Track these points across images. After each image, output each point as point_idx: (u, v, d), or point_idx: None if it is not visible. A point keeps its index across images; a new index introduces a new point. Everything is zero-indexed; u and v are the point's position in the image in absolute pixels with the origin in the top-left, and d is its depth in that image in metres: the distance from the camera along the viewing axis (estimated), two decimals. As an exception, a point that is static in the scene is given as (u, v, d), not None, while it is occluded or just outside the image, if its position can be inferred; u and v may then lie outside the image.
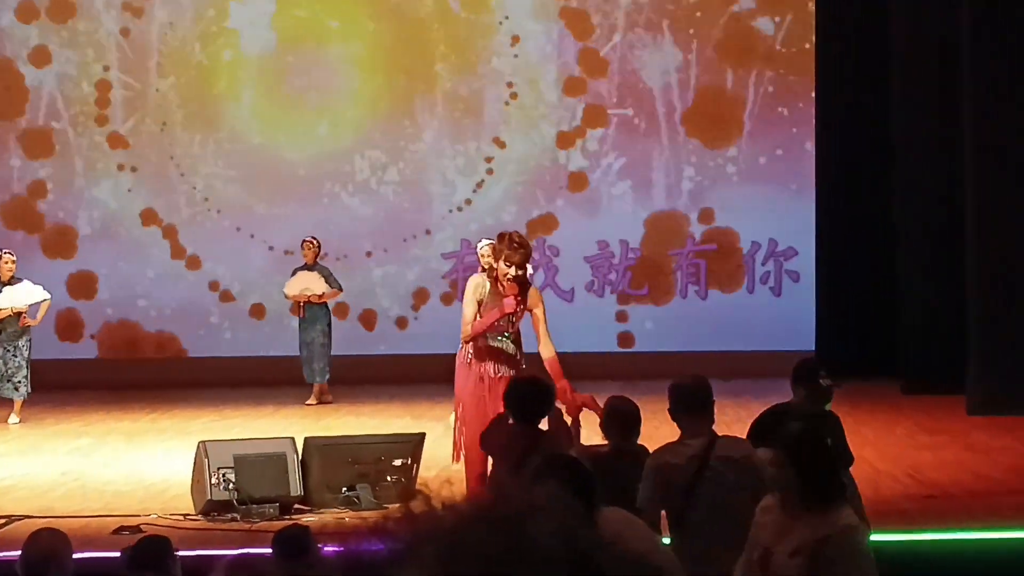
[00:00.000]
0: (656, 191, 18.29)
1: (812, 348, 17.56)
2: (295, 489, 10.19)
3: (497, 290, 9.40)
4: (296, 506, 10.18)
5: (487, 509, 1.39)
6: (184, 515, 10.04)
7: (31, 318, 15.06)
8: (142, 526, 9.49)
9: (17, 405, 14.97)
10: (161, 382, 17.27)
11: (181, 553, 6.55)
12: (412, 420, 14.02)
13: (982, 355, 14.47)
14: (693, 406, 7.09)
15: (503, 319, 9.35)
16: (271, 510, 9.93)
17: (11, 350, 14.88)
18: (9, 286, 14.95)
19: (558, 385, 8.71)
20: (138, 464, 12.33)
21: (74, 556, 6.48)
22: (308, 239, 16.38)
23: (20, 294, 14.94)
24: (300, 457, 10.32)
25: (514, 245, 9.37)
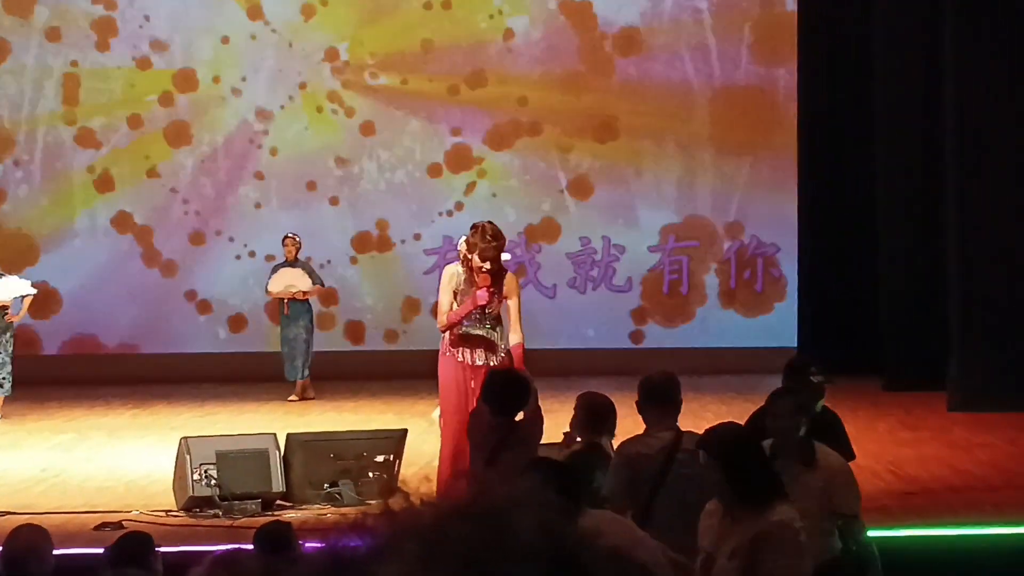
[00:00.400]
0: (638, 189, 18.28)
1: (794, 345, 17.59)
2: (277, 485, 10.19)
3: (472, 280, 9.43)
4: (278, 502, 10.17)
5: (467, 505, 1.39)
6: (166, 511, 10.04)
7: (14, 313, 15.01)
8: (124, 522, 9.49)
9: (-1, 401, 14.94)
10: (143, 378, 17.22)
11: (163, 549, 6.54)
12: (394, 416, 14.01)
13: (963, 352, 14.51)
14: (660, 399, 7.22)
15: (476, 311, 9.37)
16: (253, 506, 9.93)
17: (-5, 346, 14.83)
18: None
19: (516, 367, 9.00)
20: (120, 460, 12.31)
21: (56, 552, 6.48)
22: (290, 235, 16.32)
23: (4, 288, 14.88)
24: (282, 453, 10.31)
25: (487, 238, 9.40)
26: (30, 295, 15.06)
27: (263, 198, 18.22)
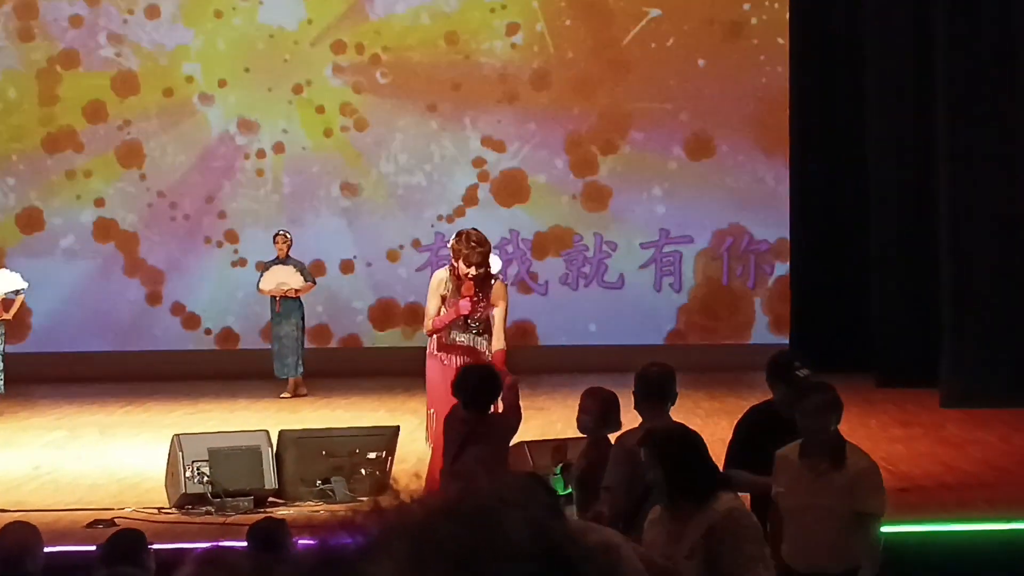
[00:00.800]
0: (631, 185, 18.29)
1: (786, 341, 17.60)
2: (270, 482, 10.19)
3: (459, 286, 9.45)
4: (271, 499, 10.17)
5: (456, 502, 1.40)
6: (158, 508, 10.03)
7: (5, 312, 14.97)
8: (116, 520, 9.48)
9: (-9, 399, 14.92)
10: (135, 375, 17.21)
11: (155, 546, 6.54)
12: (387, 413, 14.02)
13: (955, 348, 14.52)
14: (656, 393, 7.29)
15: (460, 320, 9.41)
16: (245, 503, 9.93)
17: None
18: None
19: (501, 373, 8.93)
20: (112, 457, 12.30)
21: (48, 550, 6.48)
22: (280, 232, 16.28)
23: None
24: (275, 450, 10.31)
25: (472, 244, 9.43)
26: (22, 290, 14.99)
27: (257, 201, 18.22)
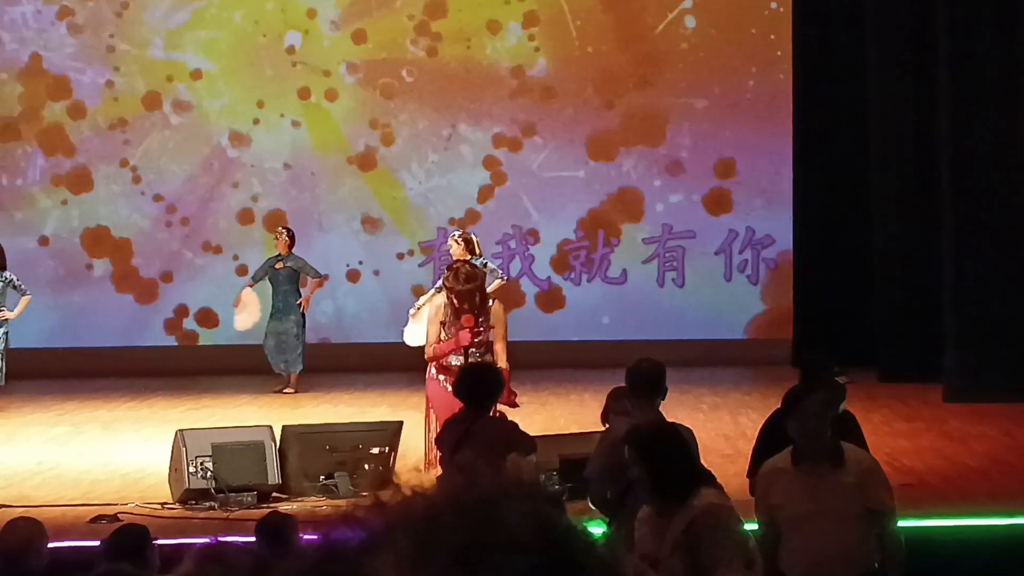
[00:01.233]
0: (635, 178, 18.28)
1: (789, 337, 17.62)
2: (273, 477, 10.19)
3: (457, 313, 9.49)
4: (274, 494, 10.18)
5: (459, 495, 1.40)
6: (162, 504, 10.04)
7: (9, 311, 14.94)
8: (119, 515, 9.49)
9: (-7, 395, 14.91)
10: (139, 371, 17.23)
11: (159, 542, 6.55)
12: (390, 409, 14.02)
13: (958, 343, 14.52)
14: (647, 387, 7.38)
15: (460, 352, 9.45)
16: (249, 498, 9.93)
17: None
18: None
19: (505, 391, 9.00)
20: (115, 453, 12.31)
21: (51, 545, 6.49)
22: (279, 229, 16.24)
23: None
24: (278, 445, 10.32)
25: (462, 281, 9.44)
26: (26, 297, 14.94)
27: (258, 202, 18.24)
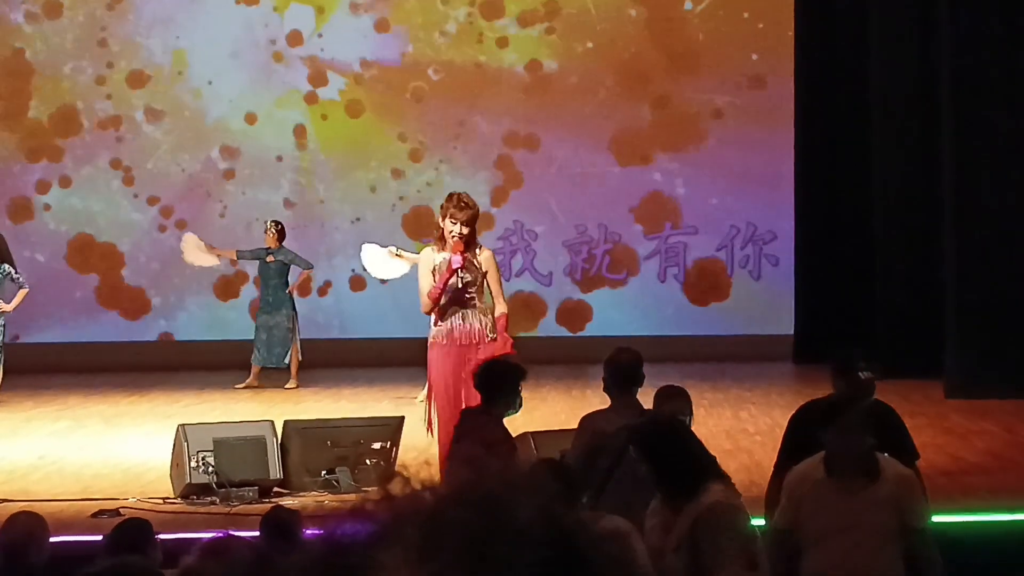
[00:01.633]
0: (636, 175, 18.28)
1: (791, 332, 17.62)
2: (274, 472, 10.19)
3: (446, 256, 9.49)
4: (275, 489, 10.18)
5: (466, 489, 1.40)
6: (163, 499, 10.04)
7: (6, 304, 14.93)
8: (121, 509, 9.49)
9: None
10: (140, 365, 17.23)
11: (160, 536, 6.55)
12: (391, 404, 14.03)
13: (960, 339, 14.52)
14: (626, 380, 7.48)
15: (453, 278, 9.39)
16: (250, 493, 9.93)
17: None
18: None
19: (500, 337, 9.28)
20: (117, 447, 12.31)
21: (53, 540, 6.49)
22: (269, 222, 16.23)
23: None
24: (279, 440, 10.32)
25: (461, 204, 9.48)
26: (24, 289, 14.91)
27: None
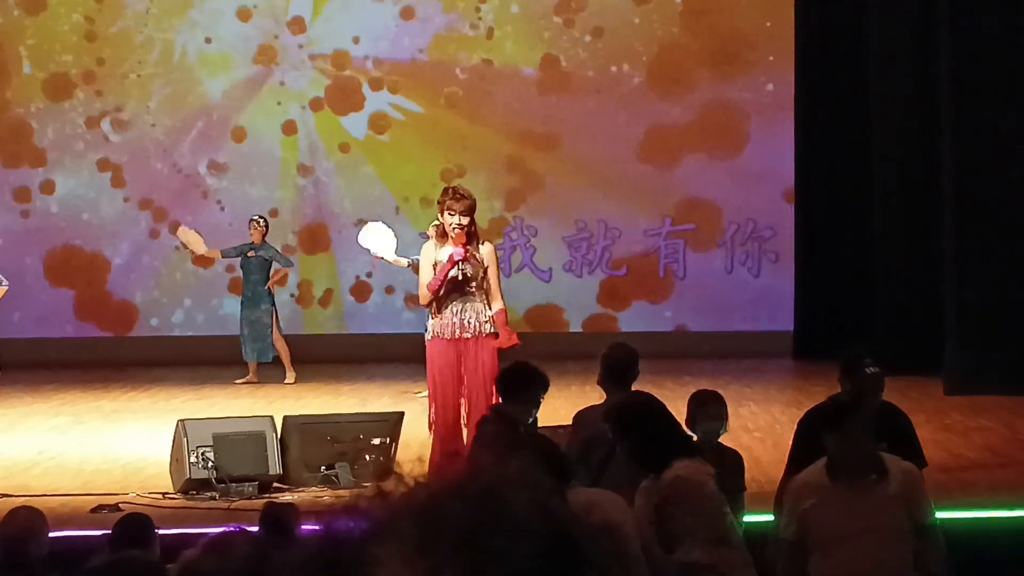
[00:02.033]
0: (635, 170, 18.28)
1: (791, 328, 17.63)
2: (274, 468, 10.20)
3: (448, 248, 9.49)
4: (275, 485, 10.18)
5: (461, 483, 1.41)
6: (163, 494, 10.05)
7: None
8: (120, 505, 9.49)
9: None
10: (139, 360, 17.24)
11: (160, 532, 6.56)
12: (391, 399, 14.04)
13: (959, 335, 14.52)
14: (621, 373, 7.61)
15: (454, 270, 9.39)
16: (250, 489, 9.93)
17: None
18: None
19: (502, 331, 9.31)
20: (116, 443, 12.31)
21: (52, 534, 6.50)
22: (255, 218, 16.27)
23: None
24: (279, 436, 10.32)
25: (457, 195, 9.48)
26: (3, 287, 14.86)
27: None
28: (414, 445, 10.64)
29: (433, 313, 9.58)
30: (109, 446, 12.15)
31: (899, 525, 6.22)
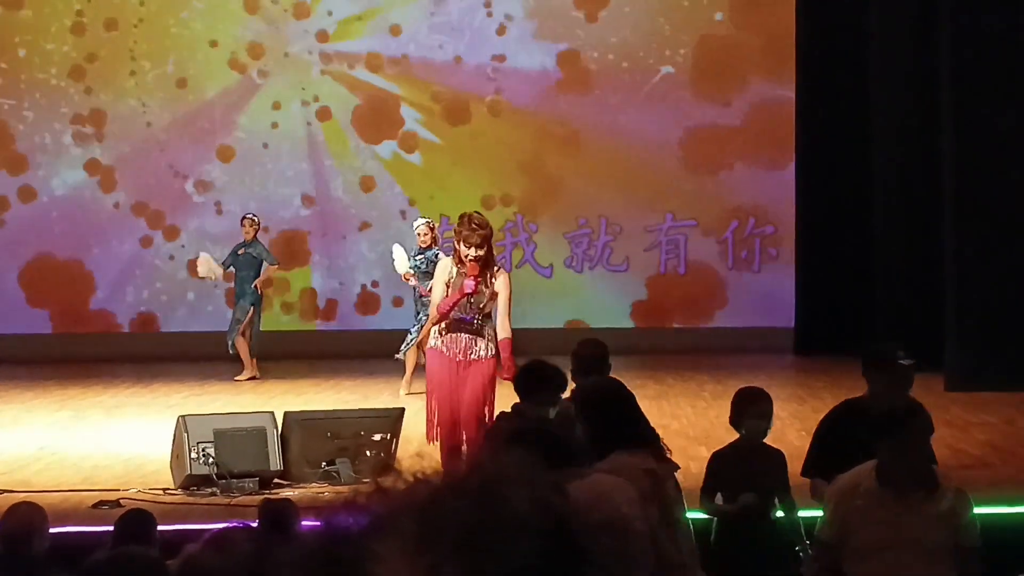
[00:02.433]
0: (637, 166, 18.28)
1: (791, 325, 17.63)
2: (275, 464, 10.20)
3: (463, 272, 9.48)
4: (276, 481, 10.18)
5: (462, 479, 1.41)
6: (163, 489, 10.05)
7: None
8: (121, 500, 9.50)
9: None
10: (140, 356, 17.25)
11: (160, 527, 6.56)
12: (392, 396, 14.04)
13: (960, 331, 14.52)
14: (591, 367, 7.65)
15: (464, 300, 9.41)
16: (250, 484, 9.93)
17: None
18: None
19: (504, 364, 9.21)
20: (117, 438, 12.32)
21: (53, 530, 6.50)
22: (248, 216, 16.30)
23: None
24: (280, 432, 10.32)
25: (472, 226, 9.46)
26: None
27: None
28: (415, 441, 10.65)
29: (439, 331, 9.61)
30: (110, 442, 12.16)
31: (943, 543, 5.98)
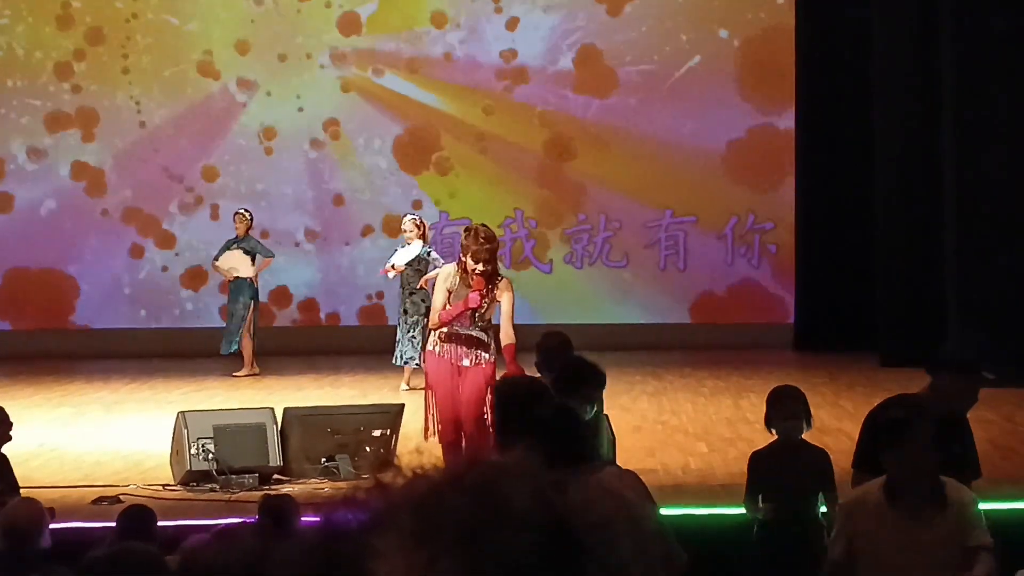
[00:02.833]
0: (636, 165, 18.27)
1: (791, 321, 17.63)
2: (274, 459, 10.20)
3: (466, 282, 9.45)
4: (275, 476, 10.19)
5: (461, 476, 1.41)
6: (163, 485, 10.05)
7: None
8: (121, 496, 9.50)
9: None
10: (140, 352, 17.24)
11: (160, 523, 6.57)
12: (391, 391, 14.04)
13: (960, 327, 14.52)
14: (551, 359, 7.86)
15: (467, 312, 9.40)
16: (250, 480, 9.94)
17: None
18: None
19: (508, 369, 9.07)
20: (117, 434, 12.32)
21: (53, 526, 6.50)
22: (240, 211, 16.28)
23: None
24: (280, 427, 10.32)
25: (480, 240, 9.42)
26: None
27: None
28: (414, 437, 10.65)
29: (439, 335, 9.57)
30: (110, 438, 12.16)
31: (950, 561, 5.73)
